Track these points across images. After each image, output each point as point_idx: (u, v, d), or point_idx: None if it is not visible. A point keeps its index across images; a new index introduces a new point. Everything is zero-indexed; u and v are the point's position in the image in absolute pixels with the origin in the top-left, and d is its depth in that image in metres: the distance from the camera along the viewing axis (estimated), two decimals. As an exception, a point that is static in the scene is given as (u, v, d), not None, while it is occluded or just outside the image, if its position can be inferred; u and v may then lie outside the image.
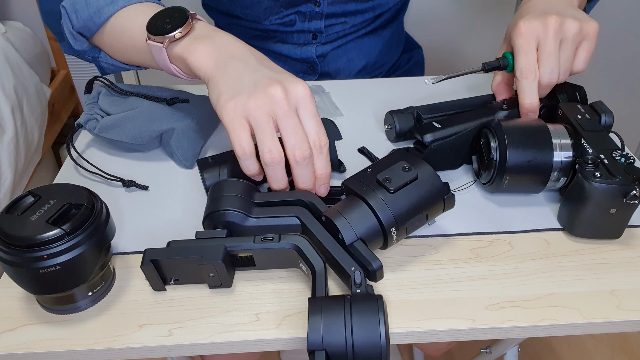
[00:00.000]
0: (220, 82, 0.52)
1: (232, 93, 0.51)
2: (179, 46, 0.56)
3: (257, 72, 0.52)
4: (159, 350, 0.46)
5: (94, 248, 0.45)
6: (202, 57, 0.54)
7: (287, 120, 0.49)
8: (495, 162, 0.55)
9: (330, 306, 0.42)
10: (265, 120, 0.49)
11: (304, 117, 0.51)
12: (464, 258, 0.52)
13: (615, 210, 0.50)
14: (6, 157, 1.27)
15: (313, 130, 0.51)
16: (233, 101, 0.50)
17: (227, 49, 0.55)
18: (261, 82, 0.50)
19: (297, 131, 0.50)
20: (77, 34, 0.64)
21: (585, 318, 0.47)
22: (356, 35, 0.89)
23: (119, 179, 0.62)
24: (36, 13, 1.57)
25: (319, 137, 0.51)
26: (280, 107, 0.49)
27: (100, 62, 0.68)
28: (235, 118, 0.50)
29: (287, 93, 0.50)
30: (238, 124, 0.50)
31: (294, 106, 0.50)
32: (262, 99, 0.49)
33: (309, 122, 0.51)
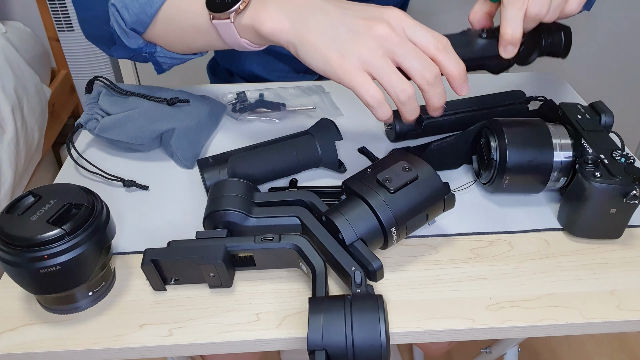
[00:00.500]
0: (313, 41, 0.50)
1: (337, 49, 0.49)
2: (246, 17, 0.53)
3: (346, 17, 0.50)
4: (159, 350, 0.46)
5: (94, 248, 0.45)
6: (276, 22, 0.51)
7: (403, 49, 0.48)
8: (495, 162, 0.55)
9: (330, 306, 0.42)
10: (384, 63, 0.48)
11: (413, 34, 0.49)
12: (464, 258, 0.52)
13: (615, 210, 0.50)
14: (6, 157, 1.27)
15: (428, 39, 0.49)
16: (344, 57, 0.48)
17: (297, 2, 0.51)
18: (359, 26, 0.49)
19: (417, 55, 0.48)
20: (130, 31, 0.61)
21: (585, 318, 0.47)
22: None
23: (119, 179, 0.62)
24: (36, 13, 1.58)
25: (436, 40, 0.49)
26: (391, 42, 0.48)
27: (157, 58, 0.65)
28: (356, 73, 0.48)
29: (389, 24, 0.49)
30: (360, 77, 0.48)
31: (402, 32, 0.49)
32: (372, 44, 0.48)
33: (420, 35, 0.49)
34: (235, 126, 0.72)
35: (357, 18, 0.49)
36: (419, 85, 0.49)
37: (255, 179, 0.59)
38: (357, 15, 0.50)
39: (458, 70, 0.50)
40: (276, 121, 0.73)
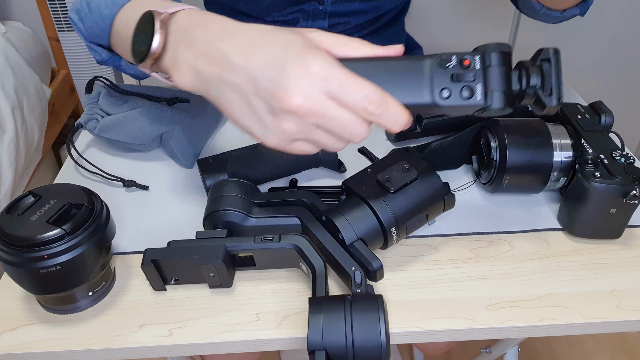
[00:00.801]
0: (231, 112, 0.43)
1: (257, 127, 0.42)
2: (164, 63, 0.45)
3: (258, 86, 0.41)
4: (159, 350, 0.46)
5: (94, 248, 0.45)
6: (185, 79, 0.44)
7: (326, 124, 0.40)
8: (495, 162, 0.55)
9: (330, 306, 0.42)
10: (312, 134, 0.41)
11: (338, 96, 0.40)
12: (464, 258, 0.52)
13: (615, 210, 0.50)
14: (6, 157, 1.27)
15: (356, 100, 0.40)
16: (268, 138, 0.42)
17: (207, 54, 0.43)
18: (273, 100, 0.40)
19: (343, 126, 0.40)
20: (94, 45, 0.59)
21: (585, 318, 0.47)
22: (359, 35, 0.89)
23: (119, 179, 0.62)
24: (36, 13, 1.57)
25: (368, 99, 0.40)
26: (312, 117, 0.40)
27: (125, 70, 0.62)
28: (286, 147, 0.42)
29: (306, 97, 0.39)
30: (292, 148, 0.43)
31: (323, 99, 0.39)
32: (290, 123, 0.40)
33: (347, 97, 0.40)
34: (235, 126, 0.72)
35: (268, 85, 0.40)
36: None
37: (255, 179, 0.59)
38: (268, 81, 0.40)
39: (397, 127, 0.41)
40: (276, 121, 0.73)
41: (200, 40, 0.43)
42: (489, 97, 0.41)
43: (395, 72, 0.42)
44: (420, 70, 0.42)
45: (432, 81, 0.42)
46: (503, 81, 0.42)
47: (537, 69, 0.44)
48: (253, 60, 0.41)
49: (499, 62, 0.42)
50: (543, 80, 0.44)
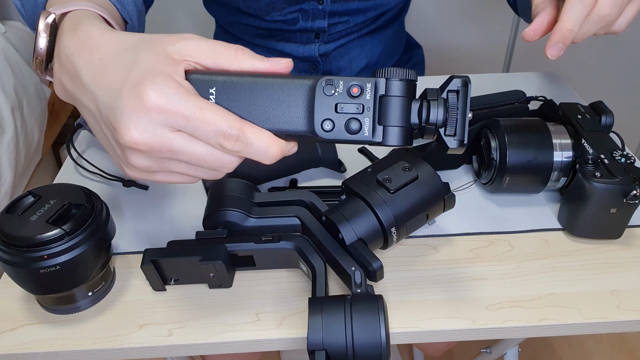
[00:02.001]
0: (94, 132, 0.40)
1: (114, 155, 0.39)
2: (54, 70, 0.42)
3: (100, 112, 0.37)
4: (159, 350, 0.46)
5: (94, 248, 0.45)
6: (58, 90, 0.41)
7: (178, 157, 0.36)
8: (495, 162, 0.55)
9: (330, 306, 0.42)
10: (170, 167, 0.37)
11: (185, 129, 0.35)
12: (464, 258, 0.52)
13: (616, 210, 0.50)
14: (6, 157, 1.27)
15: (208, 136, 0.35)
16: (128, 171, 0.38)
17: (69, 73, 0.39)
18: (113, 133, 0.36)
19: (200, 158, 0.36)
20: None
21: (585, 318, 0.47)
22: (358, 34, 0.89)
23: (119, 178, 0.62)
24: (36, 13, 1.58)
25: (224, 137, 0.35)
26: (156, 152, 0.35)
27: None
28: (151, 179, 0.38)
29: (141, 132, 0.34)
30: (158, 178, 0.38)
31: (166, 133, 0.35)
32: (137, 158, 0.36)
33: (197, 131, 0.35)
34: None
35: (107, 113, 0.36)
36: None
37: (255, 179, 0.59)
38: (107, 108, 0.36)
39: (267, 160, 0.37)
40: (276, 121, 0.73)
41: (65, 52, 0.39)
42: (377, 132, 0.36)
43: (275, 93, 0.36)
44: (303, 94, 0.36)
45: (313, 109, 0.36)
46: (399, 115, 0.36)
47: (440, 102, 0.37)
48: (97, 83, 0.37)
49: (397, 92, 0.36)
50: (446, 116, 0.37)
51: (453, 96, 0.37)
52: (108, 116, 0.35)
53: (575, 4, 0.47)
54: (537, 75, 0.82)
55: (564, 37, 0.48)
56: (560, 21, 0.48)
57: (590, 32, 0.49)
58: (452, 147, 0.38)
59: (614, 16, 0.48)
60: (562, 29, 0.48)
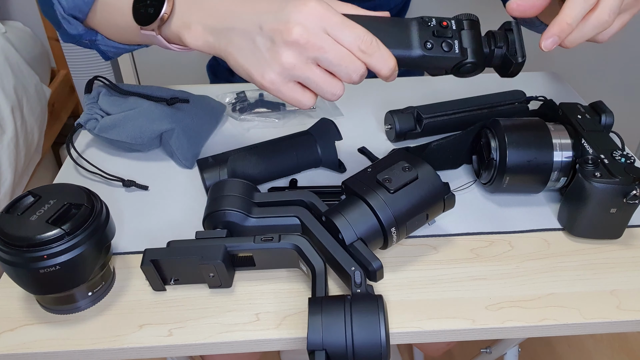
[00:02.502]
0: (235, 57, 0.47)
1: (257, 66, 0.46)
2: (172, 26, 0.51)
3: (261, 24, 0.46)
4: (159, 350, 0.46)
5: (94, 248, 0.45)
6: (199, 38, 0.49)
7: (325, 55, 0.45)
8: (495, 162, 0.55)
9: (330, 306, 0.42)
10: (307, 71, 0.45)
11: (334, 33, 0.45)
12: (464, 258, 0.52)
13: (616, 210, 0.50)
14: (6, 157, 1.27)
15: (351, 39, 0.45)
16: (266, 75, 0.46)
17: (217, 11, 0.49)
18: (275, 34, 0.45)
19: (341, 57, 0.45)
20: (70, 17, 0.60)
21: (585, 318, 0.47)
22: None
23: (119, 179, 0.62)
24: (36, 13, 1.57)
25: (361, 39, 0.45)
26: (311, 48, 0.44)
27: (99, 46, 0.63)
28: (282, 87, 0.46)
29: (305, 28, 0.44)
30: (287, 90, 0.46)
31: (321, 33, 0.45)
32: (291, 53, 0.45)
33: (342, 34, 0.45)
34: (235, 126, 0.72)
35: (272, 22, 0.45)
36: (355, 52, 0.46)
37: (255, 179, 0.59)
38: (271, 19, 0.45)
39: (386, 69, 0.47)
40: (276, 121, 0.73)
41: (209, 2, 0.49)
42: (464, 52, 0.48)
43: (385, 27, 0.48)
44: (407, 26, 0.49)
45: (417, 35, 0.48)
46: (475, 41, 0.49)
47: (502, 33, 0.51)
48: (258, 8, 0.47)
49: (470, 27, 0.49)
50: (508, 42, 0.50)
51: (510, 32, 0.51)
52: (272, 25, 0.45)
53: (579, 1, 0.48)
54: (537, 75, 0.82)
55: (561, 31, 0.49)
56: (560, 14, 0.49)
57: (585, 36, 0.50)
58: (517, 62, 0.50)
59: (609, 24, 0.49)
60: (562, 22, 0.48)
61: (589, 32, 0.50)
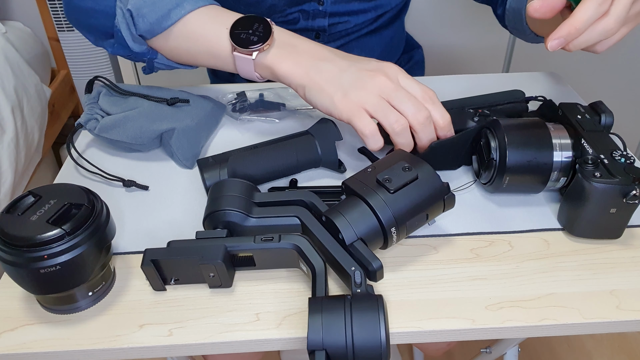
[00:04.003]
0: (322, 85, 0.57)
1: (342, 91, 0.56)
2: (267, 57, 0.59)
3: (351, 67, 0.57)
4: (159, 350, 0.46)
5: (94, 248, 0.45)
6: (292, 67, 0.58)
7: (397, 93, 0.55)
8: (495, 162, 0.55)
9: (330, 306, 0.42)
10: (380, 102, 0.55)
11: (406, 84, 0.56)
12: (464, 258, 0.52)
13: (615, 210, 0.50)
14: (6, 157, 1.27)
15: (419, 89, 0.56)
16: (347, 97, 0.55)
17: (312, 54, 0.59)
18: (363, 75, 0.56)
19: (409, 98, 0.55)
20: (138, 37, 0.63)
21: (585, 318, 0.47)
22: (359, 34, 0.89)
23: (119, 179, 0.62)
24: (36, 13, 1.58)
25: (426, 92, 0.56)
26: (388, 87, 0.55)
27: (155, 63, 0.67)
28: (355, 109, 0.55)
29: (387, 75, 0.56)
30: (358, 112, 0.55)
31: (397, 82, 0.56)
32: (372, 89, 0.55)
33: (412, 86, 0.56)
34: (235, 126, 0.72)
35: (361, 69, 0.56)
36: (411, 124, 0.55)
37: (255, 179, 0.59)
38: (361, 67, 0.57)
39: (443, 120, 0.56)
40: (276, 121, 0.73)
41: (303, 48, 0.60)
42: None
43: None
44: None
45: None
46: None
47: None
48: (347, 57, 0.59)
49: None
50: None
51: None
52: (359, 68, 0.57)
53: (591, 7, 0.49)
54: (536, 75, 0.82)
55: (569, 34, 0.50)
56: (572, 17, 0.50)
57: (590, 42, 0.52)
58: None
59: (614, 33, 0.51)
60: (571, 25, 0.50)
61: (594, 38, 0.51)
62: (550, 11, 0.53)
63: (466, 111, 0.62)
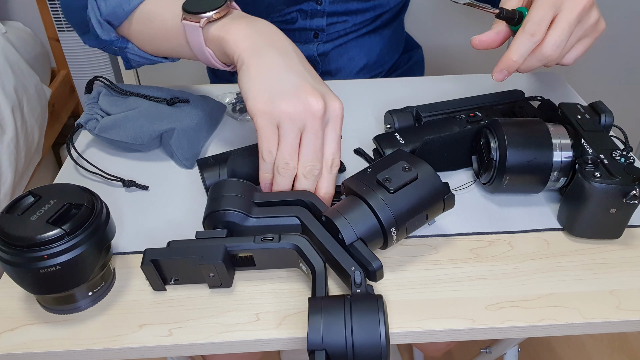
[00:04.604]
0: (254, 71, 0.51)
1: (268, 92, 0.50)
2: (216, 26, 0.54)
3: (298, 74, 0.51)
4: (159, 350, 0.46)
5: (94, 248, 0.45)
6: (239, 37, 0.52)
7: (313, 136, 0.50)
8: (495, 162, 0.55)
9: (330, 306, 0.42)
10: (294, 133, 0.49)
11: (329, 135, 0.51)
12: (464, 258, 0.52)
13: (615, 210, 0.50)
14: (6, 157, 1.27)
15: (331, 150, 0.51)
16: (269, 105, 0.49)
17: (268, 35, 0.53)
18: (303, 89, 0.50)
19: (317, 150, 0.50)
20: (105, 22, 0.63)
21: (585, 318, 0.47)
22: (357, 34, 0.89)
23: (119, 179, 0.62)
24: (36, 13, 1.58)
25: (334, 158, 0.52)
26: (313, 122, 0.49)
27: (127, 54, 0.67)
28: (268, 124, 0.50)
29: (325, 108, 0.50)
30: (270, 130, 0.50)
31: (325, 123, 0.51)
32: (300, 110, 0.49)
33: (331, 143, 0.51)
34: (235, 126, 0.72)
35: (307, 83, 0.50)
36: (298, 169, 0.51)
37: (255, 178, 0.59)
38: (308, 81, 0.51)
39: (327, 192, 0.53)
40: (276, 121, 0.73)
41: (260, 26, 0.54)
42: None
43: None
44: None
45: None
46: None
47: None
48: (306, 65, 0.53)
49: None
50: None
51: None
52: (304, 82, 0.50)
53: (524, 41, 0.53)
54: (536, 75, 0.82)
55: (508, 66, 0.55)
56: (508, 51, 0.54)
57: (534, 66, 0.56)
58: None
59: (555, 57, 0.54)
60: (508, 59, 0.54)
61: (535, 63, 0.55)
62: (492, 44, 0.58)
63: (457, 118, 0.61)
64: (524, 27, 0.53)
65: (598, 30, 0.57)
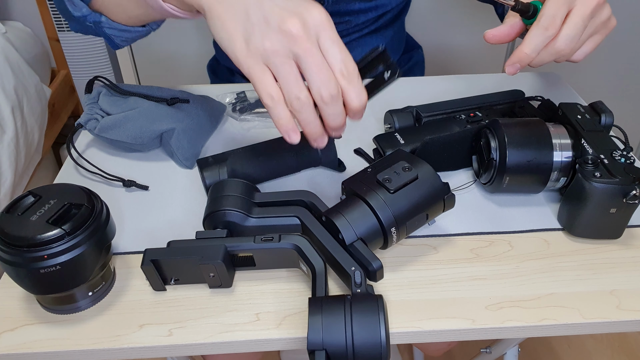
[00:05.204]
0: (223, 15, 0.46)
1: (242, 33, 0.45)
2: None
3: (264, 3, 0.45)
4: (159, 350, 0.46)
5: (94, 248, 0.45)
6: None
7: (308, 58, 0.44)
8: (495, 162, 0.55)
9: (330, 306, 0.42)
10: (286, 64, 0.44)
11: (325, 45, 0.44)
12: (464, 258, 0.52)
13: (615, 210, 0.50)
14: (6, 157, 1.27)
15: (337, 58, 0.44)
16: (247, 46, 0.45)
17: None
18: (273, 16, 0.44)
19: (321, 69, 0.44)
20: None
21: (585, 318, 0.47)
22: (359, 34, 0.89)
23: (119, 179, 0.62)
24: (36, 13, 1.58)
25: (345, 64, 0.45)
26: (299, 44, 0.44)
27: (104, 29, 0.65)
28: (255, 65, 0.45)
29: (304, 24, 0.44)
30: (259, 70, 0.45)
31: (314, 38, 0.44)
32: (279, 40, 0.44)
33: (332, 50, 0.44)
34: (235, 126, 0.72)
35: (275, 6, 0.45)
36: (315, 100, 0.45)
37: (255, 178, 0.59)
38: (277, 4, 0.45)
39: (357, 103, 0.46)
40: (276, 121, 0.73)
41: None
42: None
43: None
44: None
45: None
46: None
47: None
48: None
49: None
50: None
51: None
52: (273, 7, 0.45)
53: (537, 34, 0.53)
54: (536, 76, 0.82)
55: (521, 60, 0.54)
56: (521, 45, 0.54)
57: (546, 61, 0.55)
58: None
59: (567, 52, 0.54)
60: (521, 52, 0.54)
61: (547, 58, 0.55)
62: (506, 38, 0.57)
63: (457, 118, 0.61)
64: (539, 20, 0.53)
65: (609, 27, 0.57)
